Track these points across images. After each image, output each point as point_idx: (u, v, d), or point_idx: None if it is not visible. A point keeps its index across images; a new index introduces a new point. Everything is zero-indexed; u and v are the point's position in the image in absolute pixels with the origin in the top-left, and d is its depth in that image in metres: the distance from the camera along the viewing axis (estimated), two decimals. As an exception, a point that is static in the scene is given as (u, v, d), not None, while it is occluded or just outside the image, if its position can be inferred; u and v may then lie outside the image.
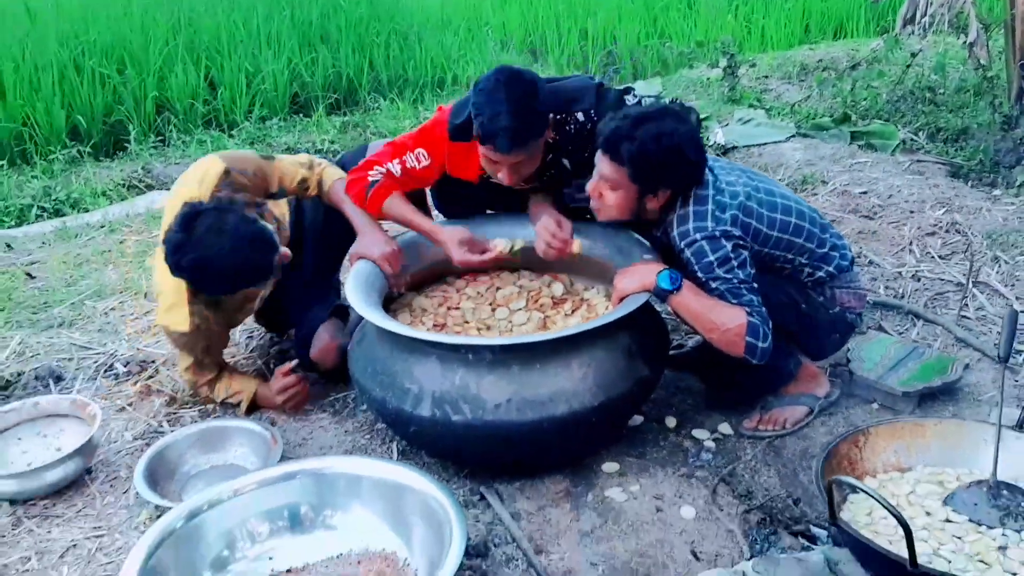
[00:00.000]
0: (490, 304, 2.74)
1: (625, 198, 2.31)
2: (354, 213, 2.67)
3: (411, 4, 7.66)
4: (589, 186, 2.35)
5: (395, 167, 2.61)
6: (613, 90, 2.66)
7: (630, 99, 2.63)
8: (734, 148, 4.57)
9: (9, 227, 4.70)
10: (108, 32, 5.97)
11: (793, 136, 4.61)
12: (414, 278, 2.78)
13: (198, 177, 2.54)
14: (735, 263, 2.23)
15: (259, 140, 5.57)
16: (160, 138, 5.50)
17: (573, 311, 2.69)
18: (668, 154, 2.21)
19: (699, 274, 2.24)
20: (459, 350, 2.21)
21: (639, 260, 2.49)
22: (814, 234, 2.41)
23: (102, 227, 4.39)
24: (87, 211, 4.75)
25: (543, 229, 2.56)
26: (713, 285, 2.23)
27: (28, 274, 3.88)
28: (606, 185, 2.31)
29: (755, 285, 2.25)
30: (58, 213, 4.75)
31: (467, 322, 2.67)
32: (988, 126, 4.60)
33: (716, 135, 4.67)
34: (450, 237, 2.59)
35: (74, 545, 2.22)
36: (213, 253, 2.28)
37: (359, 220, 2.66)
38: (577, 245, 2.55)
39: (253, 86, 5.99)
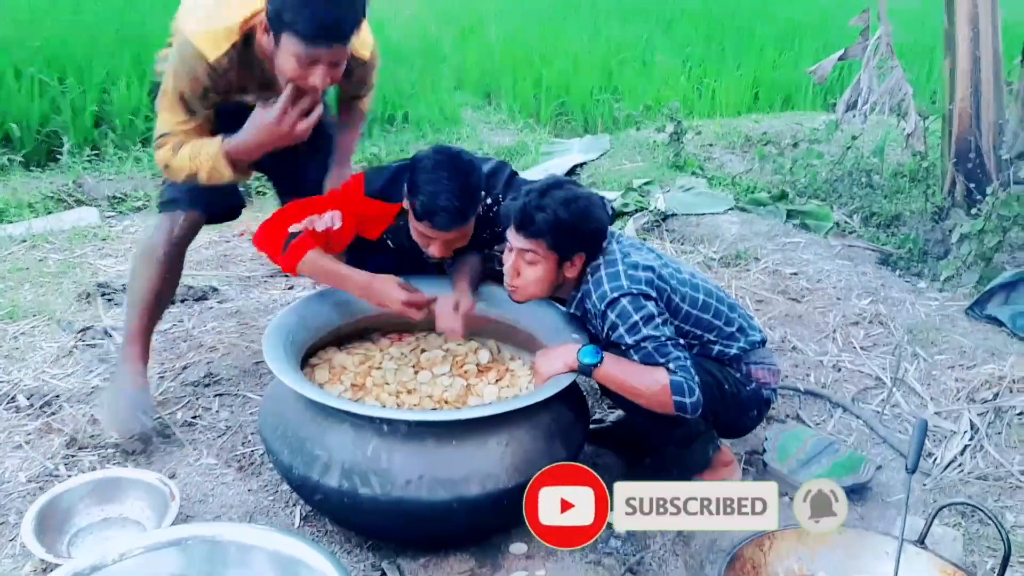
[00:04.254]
0: (413, 366, 2.70)
1: (545, 270, 2.33)
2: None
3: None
4: (506, 269, 2.38)
5: (317, 223, 2.56)
6: (520, 180, 2.75)
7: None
8: (673, 216, 4.61)
9: (-75, 234, 4.51)
10: (54, 40, 5.81)
11: (731, 208, 4.67)
12: (336, 333, 2.73)
13: None
14: (659, 320, 2.26)
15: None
16: (96, 152, 5.35)
17: (497, 380, 2.67)
18: (579, 216, 2.28)
19: (625, 337, 2.25)
20: (374, 421, 2.16)
21: (567, 336, 2.49)
22: (722, 312, 2.46)
23: (23, 241, 4.24)
24: (11, 222, 4.59)
25: (441, 311, 2.60)
26: (642, 345, 2.24)
27: (-63, 288, 3.72)
28: (524, 263, 2.33)
29: (680, 341, 2.29)
30: (-22, 222, 4.58)
31: (387, 383, 2.63)
32: (920, 214, 4.73)
33: (658, 201, 4.71)
34: (389, 284, 2.56)
35: (-53, 597, 2.11)
36: None
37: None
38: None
39: (198, 106, 5.86)
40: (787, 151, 5.33)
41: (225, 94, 2.45)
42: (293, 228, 2.53)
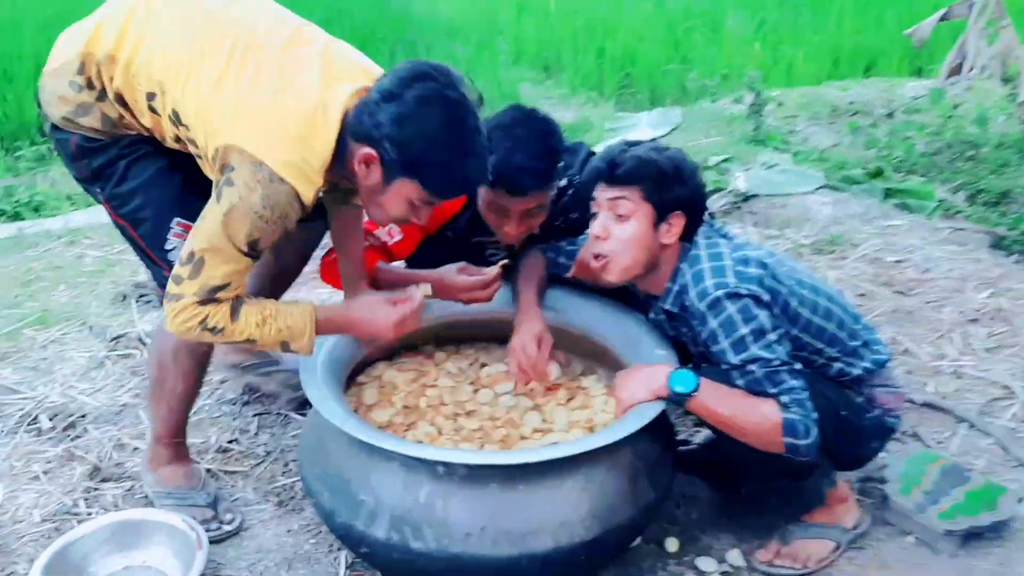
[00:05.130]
0: (472, 383, 2.37)
1: (640, 227, 1.95)
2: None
3: (421, 10, 7.27)
4: (592, 234, 2.01)
5: (374, 241, 2.34)
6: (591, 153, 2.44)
7: None
8: (755, 196, 4.18)
9: (-36, 229, 4.33)
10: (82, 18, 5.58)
11: (821, 187, 4.22)
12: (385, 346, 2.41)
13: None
14: (772, 337, 1.86)
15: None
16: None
17: (567, 401, 2.32)
18: (675, 164, 1.96)
19: (728, 354, 1.86)
20: (427, 461, 1.83)
21: (649, 350, 2.13)
22: (846, 323, 2.04)
23: (60, 237, 4.01)
24: (51, 216, 4.38)
25: (517, 350, 2.22)
26: (749, 368, 1.85)
27: (-31, 290, 3.51)
28: (614, 219, 1.97)
29: (797, 366, 1.89)
30: (17, 216, 4.38)
31: (444, 404, 2.30)
32: (1032, 190, 4.23)
33: (738, 180, 4.28)
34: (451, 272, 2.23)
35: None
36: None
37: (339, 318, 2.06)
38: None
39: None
40: (881, 122, 4.81)
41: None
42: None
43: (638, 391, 1.94)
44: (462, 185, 1.83)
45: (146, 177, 1.96)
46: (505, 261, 2.32)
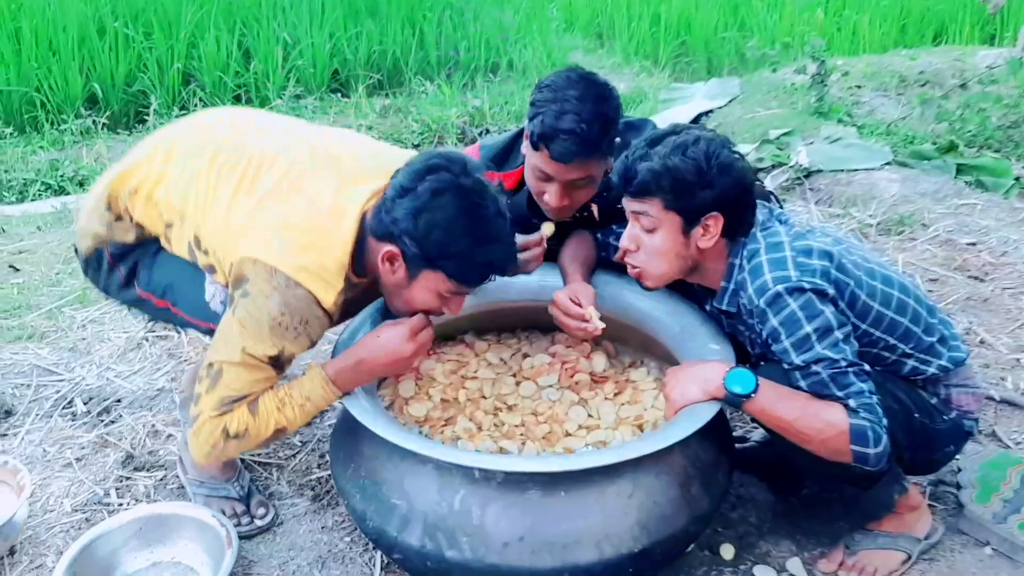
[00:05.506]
0: (514, 375, 2.25)
1: (667, 239, 1.80)
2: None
3: (469, -23, 7.08)
4: (622, 245, 1.88)
5: None
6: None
7: None
8: (818, 172, 3.97)
9: (9, 203, 4.31)
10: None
11: (889, 163, 3.98)
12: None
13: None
14: (839, 335, 1.70)
15: (291, 120, 5.08)
16: (184, 111, 5.06)
17: (615, 395, 2.18)
18: (701, 161, 1.74)
19: (791, 354, 1.71)
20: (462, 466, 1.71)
21: (703, 343, 1.98)
22: (920, 316, 1.86)
23: (105, 212, 3.96)
24: (95, 190, 4.35)
25: (557, 311, 2.10)
26: (813, 369, 1.70)
27: (12, 266, 3.47)
28: (641, 232, 1.83)
29: (865, 367, 1.72)
30: (62, 191, 4.35)
31: (484, 397, 2.18)
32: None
33: (799, 154, 4.06)
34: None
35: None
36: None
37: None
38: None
39: (290, 60, 5.50)
40: (953, 93, 4.53)
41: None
42: None
43: (692, 390, 1.79)
44: (486, 271, 1.79)
45: (171, 262, 1.97)
46: (550, 225, 2.17)
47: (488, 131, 5.05)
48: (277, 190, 1.81)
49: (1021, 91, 4.33)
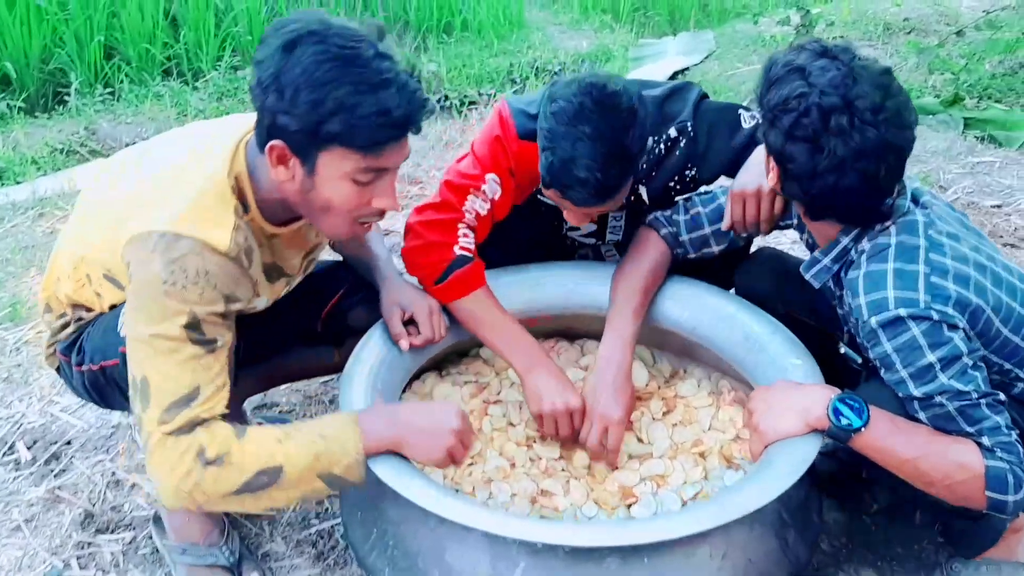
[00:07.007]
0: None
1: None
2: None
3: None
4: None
5: (479, 204, 1.86)
6: (720, 104, 1.98)
7: (747, 117, 1.89)
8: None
9: (-83, 203, 3.80)
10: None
11: (888, 120, 3.72)
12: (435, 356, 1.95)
13: None
14: (967, 362, 1.43)
15: (229, 95, 4.62)
16: (109, 90, 4.56)
17: (664, 414, 1.88)
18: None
19: (909, 385, 1.44)
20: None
21: (782, 365, 1.69)
22: None
23: (30, 209, 3.50)
24: (17, 183, 3.85)
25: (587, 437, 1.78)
26: (936, 401, 1.43)
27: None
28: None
29: (1000, 395, 1.46)
30: (-23, 187, 3.85)
31: (512, 425, 1.87)
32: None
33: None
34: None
35: None
36: None
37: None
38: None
39: (223, 27, 5.01)
40: (948, 41, 4.28)
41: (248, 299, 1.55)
42: (459, 249, 1.83)
43: (787, 421, 1.50)
44: (384, 121, 1.37)
45: (100, 321, 1.66)
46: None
47: (447, 97, 4.67)
48: (138, 186, 1.56)
49: (1019, 34, 4.10)
